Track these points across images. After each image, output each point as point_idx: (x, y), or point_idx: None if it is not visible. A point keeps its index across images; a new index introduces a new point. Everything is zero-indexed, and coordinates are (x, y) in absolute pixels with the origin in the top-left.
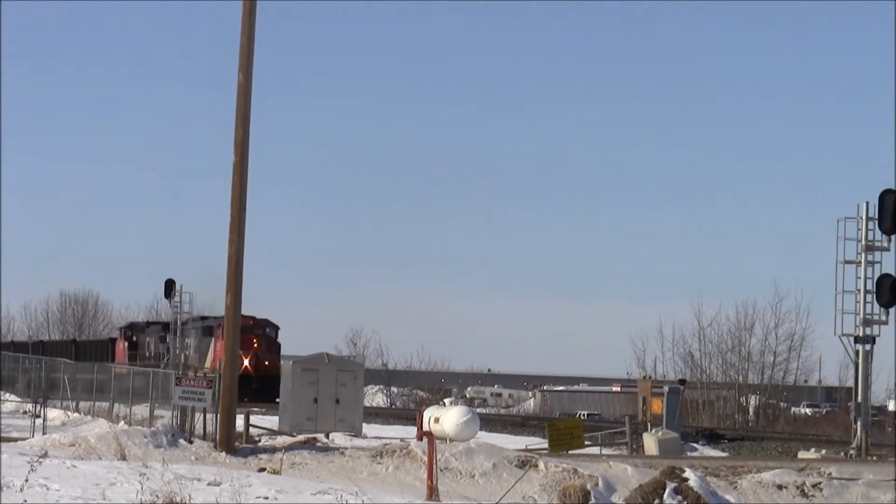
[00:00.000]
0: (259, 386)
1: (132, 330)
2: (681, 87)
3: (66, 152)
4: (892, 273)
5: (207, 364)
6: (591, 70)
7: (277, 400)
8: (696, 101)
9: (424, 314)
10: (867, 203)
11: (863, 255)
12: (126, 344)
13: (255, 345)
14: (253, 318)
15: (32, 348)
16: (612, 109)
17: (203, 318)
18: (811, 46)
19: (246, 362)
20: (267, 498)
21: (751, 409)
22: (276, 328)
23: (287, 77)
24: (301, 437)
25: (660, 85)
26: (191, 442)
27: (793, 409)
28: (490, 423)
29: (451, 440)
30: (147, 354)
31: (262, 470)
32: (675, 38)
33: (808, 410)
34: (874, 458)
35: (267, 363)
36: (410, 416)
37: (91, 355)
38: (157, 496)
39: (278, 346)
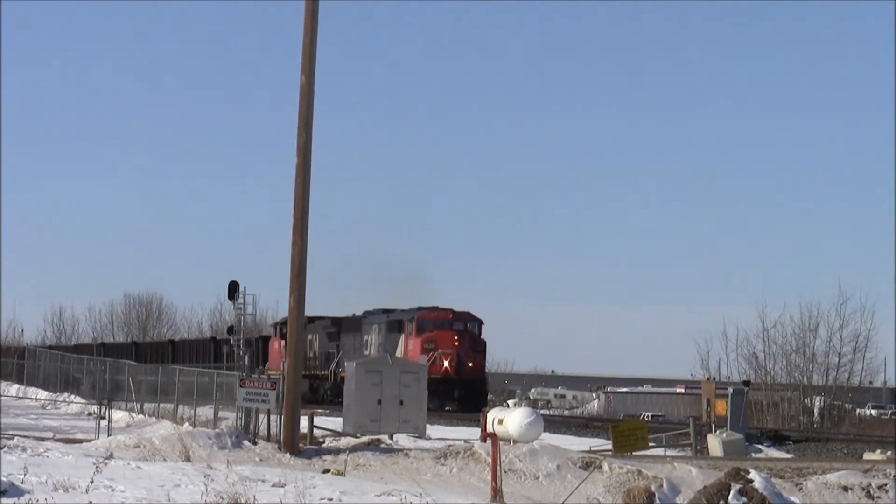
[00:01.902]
0: (463, 392)
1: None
2: (743, 88)
3: (130, 157)
4: None
5: None
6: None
7: (484, 409)
8: (761, 102)
9: (486, 315)
10: None
11: None
12: (282, 343)
13: (457, 342)
14: (451, 310)
15: (94, 350)
16: (665, 105)
17: (387, 311)
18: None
19: (446, 364)
20: (331, 499)
21: (815, 411)
22: (480, 323)
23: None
24: (365, 439)
25: (719, 85)
26: (255, 443)
27: (858, 410)
28: (554, 424)
29: (514, 441)
30: (311, 354)
31: (326, 471)
32: (737, 27)
33: (873, 412)
34: None
35: (471, 364)
36: (474, 417)
37: (152, 357)
38: (221, 497)
39: (483, 343)
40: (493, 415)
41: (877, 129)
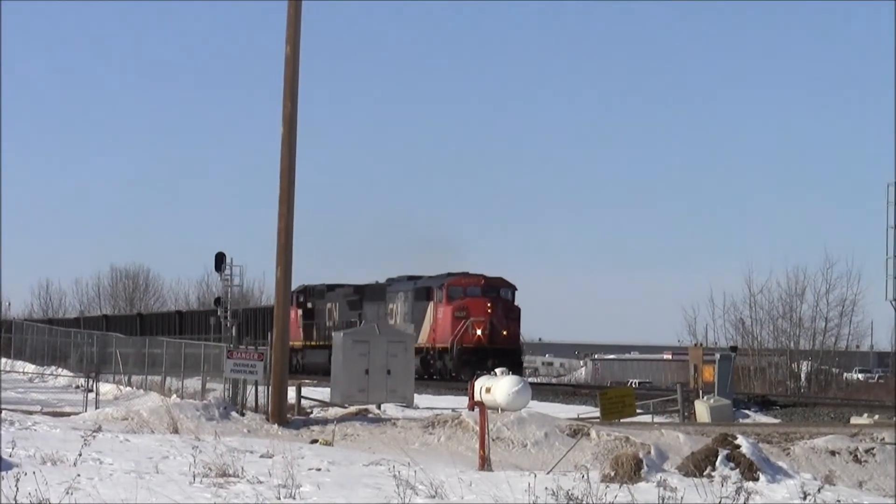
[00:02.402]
0: (497, 362)
1: (307, 295)
2: (730, 50)
3: (116, 130)
4: None
5: (423, 337)
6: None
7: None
8: (747, 67)
9: None
10: None
11: None
12: (300, 312)
13: (490, 309)
14: (483, 276)
15: (92, 323)
16: (650, 81)
17: (414, 278)
18: (860, 9)
19: (479, 332)
20: (319, 469)
21: (802, 376)
22: (513, 289)
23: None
24: (353, 409)
25: (709, 50)
26: (243, 414)
27: (845, 374)
28: (542, 392)
29: (502, 410)
30: (329, 324)
31: (314, 442)
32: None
33: (860, 376)
34: None
35: (505, 332)
36: (462, 386)
37: (157, 329)
38: (209, 469)
39: (517, 311)
40: (480, 383)
41: (859, 91)
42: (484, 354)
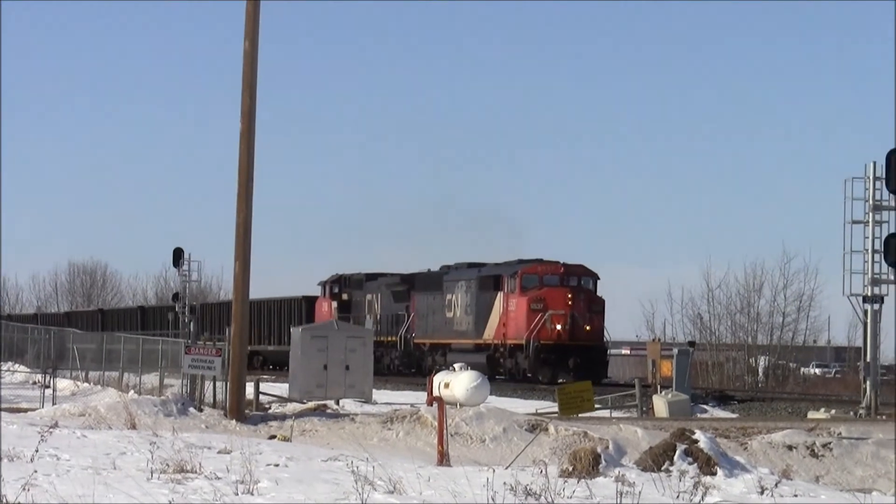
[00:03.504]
0: (580, 360)
1: (342, 285)
2: (685, 50)
3: (74, 123)
4: None
5: (490, 332)
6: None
7: (608, 378)
8: (700, 63)
9: None
10: (874, 163)
11: (870, 214)
12: (334, 304)
13: (571, 301)
14: (563, 264)
15: (52, 319)
16: (612, 75)
17: (476, 265)
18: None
19: (559, 327)
20: (278, 465)
21: (760, 370)
22: (595, 278)
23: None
24: (311, 404)
25: (664, 54)
26: (201, 410)
27: (802, 369)
28: (500, 387)
29: (461, 405)
30: (370, 317)
31: (272, 437)
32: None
33: (817, 370)
34: (884, 417)
35: (588, 327)
36: (421, 381)
37: (119, 325)
38: (167, 465)
39: (601, 302)
40: (439, 379)
41: (817, 85)
42: (564, 352)
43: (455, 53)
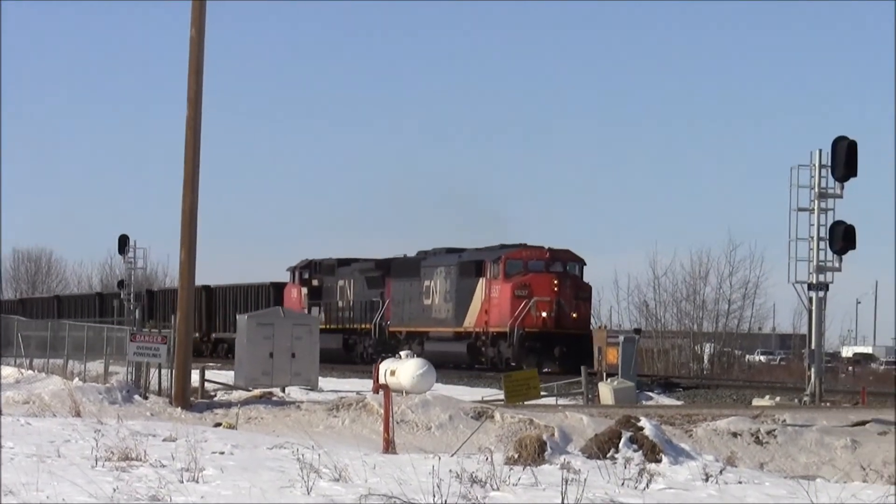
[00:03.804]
0: (565, 349)
1: (312, 270)
2: (633, 38)
3: (20, 108)
4: (845, 220)
5: (471, 319)
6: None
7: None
8: (647, 51)
9: None
10: (820, 150)
11: (816, 202)
12: (304, 291)
13: (557, 288)
14: (549, 249)
15: (6, 307)
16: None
17: (455, 251)
18: None
19: (544, 314)
20: (223, 453)
21: (705, 358)
22: (582, 263)
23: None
24: (257, 392)
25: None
26: (146, 398)
27: (747, 356)
28: (446, 375)
29: (407, 393)
30: (342, 304)
31: (217, 425)
32: None
33: (762, 358)
34: (828, 404)
35: (575, 315)
36: (367, 369)
37: (75, 312)
38: (112, 452)
39: (588, 289)
40: (385, 366)
41: (765, 76)
42: (550, 341)
43: (436, 38)
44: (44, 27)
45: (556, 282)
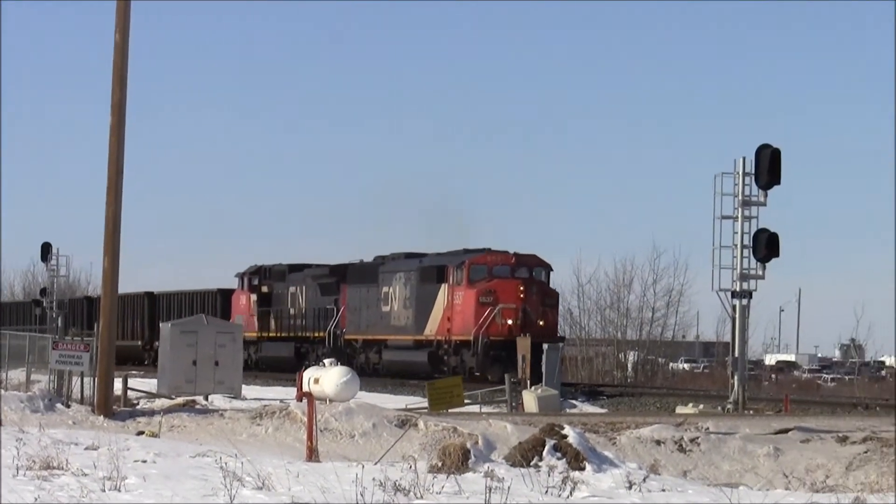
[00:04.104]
0: (533, 358)
1: (262, 276)
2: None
3: None
4: (769, 228)
5: (432, 327)
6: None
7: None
8: (575, 56)
9: None
10: (744, 158)
11: (740, 210)
12: (253, 297)
13: (523, 294)
14: (514, 254)
15: None
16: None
17: (416, 256)
18: None
19: (510, 322)
20: (145, 461)
21: (629, 366)
22: (548, 269)
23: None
24: (180, 400)
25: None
26: (68, 406)
27: (671, 364)
28: (370, 383)
29: (330, 401)
30: (293, 311)
31: (140, 433)
32: None
33: (686, 366)
34: (751, 412)
35: (542, 322)
36: (290, 377)
37: (14, 319)
38: (33, 461)
39: (556, 295)
40: (309, 374)
41: (686, 82)
42: (515, 349)
43: (394, 36)
44: None
45: (522, 288)
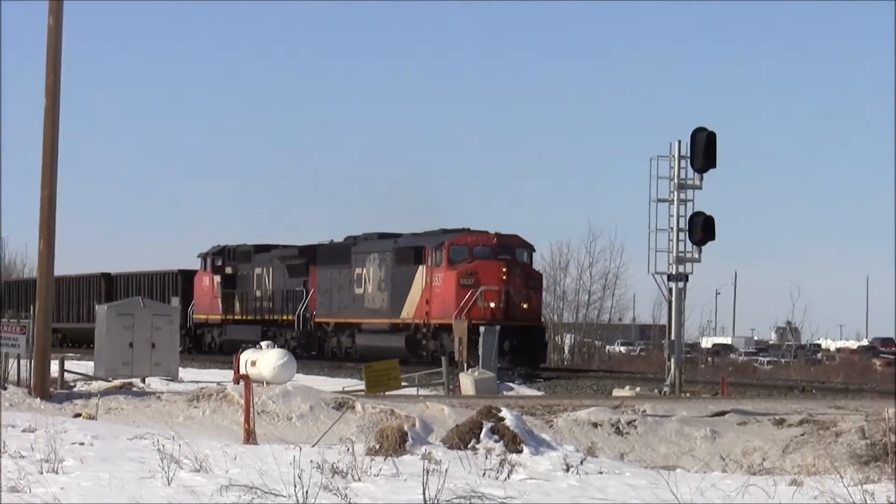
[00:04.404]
0: (515, 342)
1: (225, 257)
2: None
3: None
4: (705, 211)
5: (409, 310)
6: None
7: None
8: (510, 43)
9: None
10: (679, 141)
11: (675, 193)
12: (216, 279)
13: (506, 276)
14: (496, 234)
15: None
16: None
17: (389, 236)
18: None
19: (492, 305)
20: (83, 444)
21: (566, 348)
22: (531, 249)
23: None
24: (117, 383)
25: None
26: (5, 388)
27: (607, 347)
28: (307, 365)
29: (268, 383)
30: (259, 293)
31: (77, 416)
32: None
33: (622, 348)
34: (688, 394)
35: (525, 305)
36: (227, 360)
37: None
38: None
39: (539, 277)
40: (246, 357)
41: (622, 66)
42: (500, 334)
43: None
44: None
45: (504, 269)
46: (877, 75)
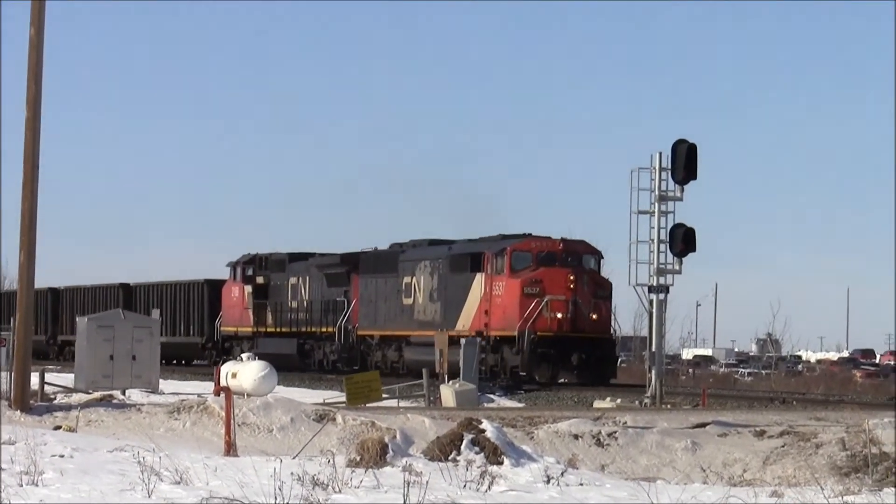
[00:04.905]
0: (584, 355)
1: (257, 266)
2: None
3: None
4: (685, 223)
5: (466, 321)
6: None
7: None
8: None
9: None
10: (660, 153)
11: (656, 204)
12: (247, 289)
13: (573, 285)
14: (562, 239)
15: None
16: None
17: (442, 242)
18: None
19: (559, 315)
20: (63, 456)
21: None
22: (599, 256)
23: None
24: (97, 395)
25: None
26: None
27: None
28: (288, 377)
29: (248, 395)
30: (295, 305)
31: (57, 428)
32: None
33: None
34: (668, 406)
35: (595, 316)
36: (208, 371)
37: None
38: None
39: (609, 286)
40: (226, 369)
41: (604, 78)
42: (565, 346)
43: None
44: None
45: (571, 278)
46: (856, 86)
